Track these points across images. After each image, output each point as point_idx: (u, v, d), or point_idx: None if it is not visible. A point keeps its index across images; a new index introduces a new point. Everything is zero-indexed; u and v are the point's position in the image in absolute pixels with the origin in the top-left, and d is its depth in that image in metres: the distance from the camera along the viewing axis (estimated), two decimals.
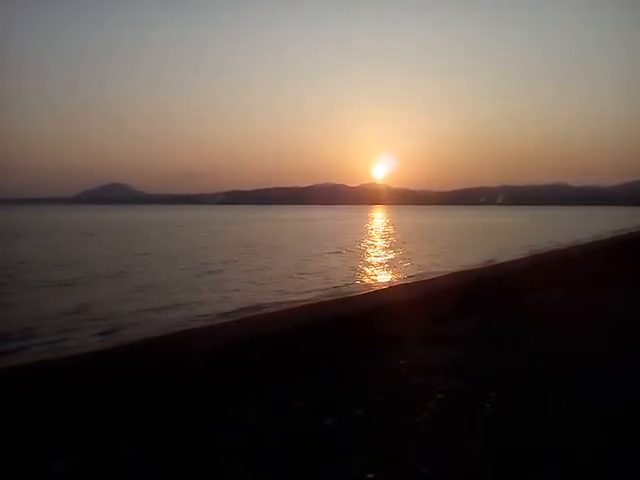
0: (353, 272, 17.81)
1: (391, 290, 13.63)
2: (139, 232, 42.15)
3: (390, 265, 20.17)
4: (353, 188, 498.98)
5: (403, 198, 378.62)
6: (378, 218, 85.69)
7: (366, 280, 16.22)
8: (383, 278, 16.61)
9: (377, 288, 13.87)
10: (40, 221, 62.62)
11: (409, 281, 14.93)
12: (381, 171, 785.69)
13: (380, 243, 31.67)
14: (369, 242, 32.45)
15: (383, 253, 24.76)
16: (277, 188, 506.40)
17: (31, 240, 31.36)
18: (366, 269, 18.88)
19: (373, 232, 45.13)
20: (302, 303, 11.18)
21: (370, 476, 3.15)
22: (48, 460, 3.49)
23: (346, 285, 14.57)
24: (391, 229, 48.87)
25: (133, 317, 10.36)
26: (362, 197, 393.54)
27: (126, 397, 4.76)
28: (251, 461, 3.41)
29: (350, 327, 7.64)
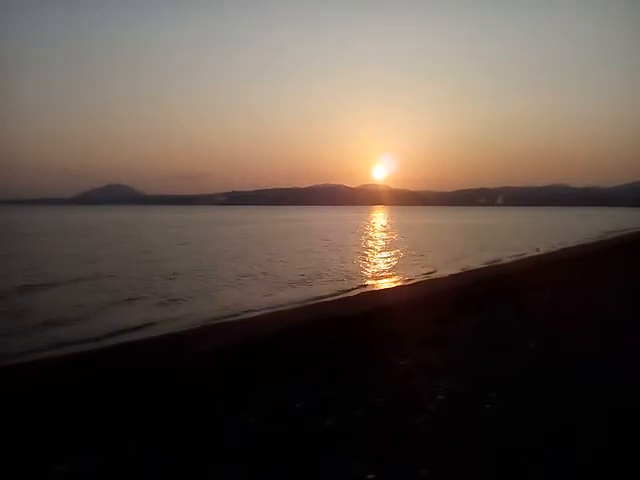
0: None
1: (392, 290, 13.62)
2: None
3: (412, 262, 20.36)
4: (353, 189, 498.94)
5: (403, 199, 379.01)
6: (384, 218, 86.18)
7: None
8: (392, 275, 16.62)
9: (377, 288, 13.84)
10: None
11: (410, 281, 14.90)
12: (381, 172, 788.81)
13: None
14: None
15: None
16: (277, 189, 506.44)
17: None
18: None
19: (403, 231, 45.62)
20: (302, 304, 11.18)
21: (370, 476, 3.14)
22: (50, 461, 3.50)
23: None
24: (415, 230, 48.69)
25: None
26: (362, 198, 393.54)
27: (125, 398, 4.76)
28: (251, 461, 3.40)
29: (351, 328, 7.64)
